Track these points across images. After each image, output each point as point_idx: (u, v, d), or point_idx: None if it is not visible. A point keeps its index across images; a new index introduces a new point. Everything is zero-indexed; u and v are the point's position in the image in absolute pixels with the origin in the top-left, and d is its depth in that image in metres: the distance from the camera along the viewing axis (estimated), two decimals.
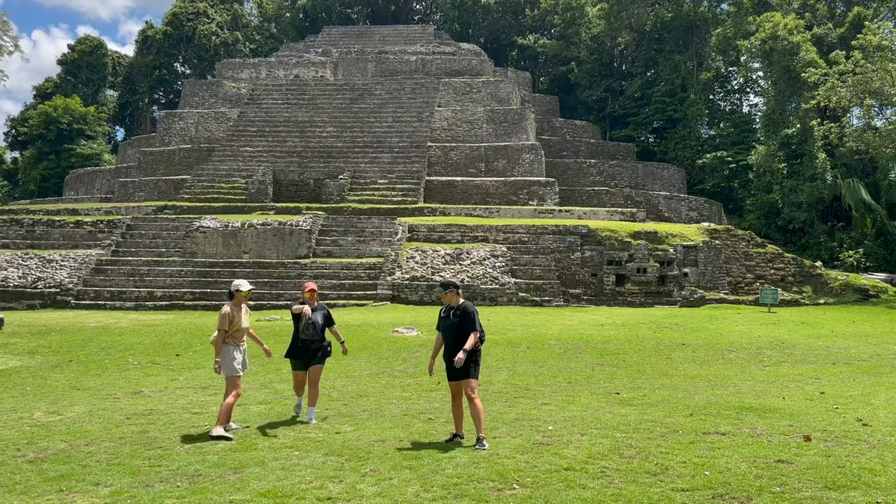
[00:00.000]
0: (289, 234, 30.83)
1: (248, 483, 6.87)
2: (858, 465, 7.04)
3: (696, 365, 14.95)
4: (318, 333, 9.69)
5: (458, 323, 8.33)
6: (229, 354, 9.17)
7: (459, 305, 8.43)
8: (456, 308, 8.43)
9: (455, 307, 8.45)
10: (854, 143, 38.25)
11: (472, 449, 7.81)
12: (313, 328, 9.61)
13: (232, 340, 9.20)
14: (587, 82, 63.78)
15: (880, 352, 16.78)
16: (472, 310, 8.42)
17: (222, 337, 9.21)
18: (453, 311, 8.44)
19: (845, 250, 40.45)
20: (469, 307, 8.44)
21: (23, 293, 27.46)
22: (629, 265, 30.41)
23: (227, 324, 9.19)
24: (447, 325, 8.46)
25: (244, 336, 9.42)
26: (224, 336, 9.19)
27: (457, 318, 8.35)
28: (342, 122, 45.36)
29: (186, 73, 74.41)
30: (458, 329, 8.31)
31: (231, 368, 9.14)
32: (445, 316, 8.54)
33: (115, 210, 37.74)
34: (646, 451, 7.62)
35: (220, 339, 9.21)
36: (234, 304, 9.33)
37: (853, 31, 44.79)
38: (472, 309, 8.45)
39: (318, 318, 9.71)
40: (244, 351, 9.40)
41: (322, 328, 9.76)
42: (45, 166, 62.34)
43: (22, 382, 13.12)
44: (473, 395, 8.15)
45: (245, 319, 9.43)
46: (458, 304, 8.45)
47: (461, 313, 8.37)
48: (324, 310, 9.90)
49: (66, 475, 7.19)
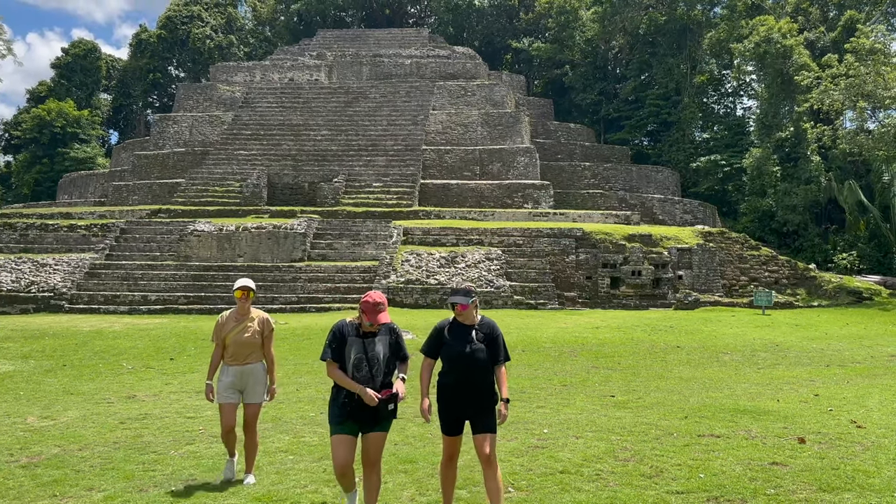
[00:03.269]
0: (283, 237, 30.78)
1: (242, 487, 6.87)
2: (852, 467, 7.06)
3: (690, 367, 14.97)
4: (381, 374, 5.86)
5: (485, 350, 5.81)
6: (221, 375, 7.33)
7: (481, 322, 5.95)
8: (476, 326, 5.90)
9: (475, 326, 5.91)
10: (847, 145, 38.40)
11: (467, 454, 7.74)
12: (368, 366, 5.81)
13: (226, 357, 7.31)
14: (581, 85, 63.92)
15: (874, 354, 16.83)
16: (499, 331, 6.00)
17: (216, 353, 7.38)
18: (476, 331, 5.86)
19: (839, 253, 40.60)
20: (495, 325, 6.02)
21: (16, 297, 27.35)
22: (624, 268, 30.45)
23: (217, 335, 7.37)
24: (464, 353, 5.79)
25: (249, 353, 7.27)
26: (219, 351, 7.35)
27: (483, 340, 5.83)
28: (337, 125, 45.35)
29: (181, 76, 74.30)
30: (482, 359, 5.79)
31: (217, 393, 7.28)
32: (456, 337, 5.87)
33: (108, 214, 37.62)
34: (641, 454, 7.63)
35: (214, 355, 7.41)
36: (235, 311, 7.44)
37: (846, 34, 45.01)
38: (500, 330, 6.03)
39: (380, 349, 5.87)
40: (239, 373, 7.24)
41: (388, 364, 5.93)
42: (39, 170, 62.17)
43: (15, 387, 13.06)
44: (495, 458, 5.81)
45: (248, 330, 7.26)
46: (476, 320, 5.95)
47: (488, 333, 5.89)
48: (390, 334, 5.97)
49: (59, 480, 7.16)
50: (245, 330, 7.25)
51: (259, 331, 7.31)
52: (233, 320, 7.33)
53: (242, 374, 7.24)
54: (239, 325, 7.28)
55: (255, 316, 7.37)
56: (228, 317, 7.37)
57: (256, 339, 7.28)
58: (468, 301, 5.84)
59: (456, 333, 5.90)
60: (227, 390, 7.24)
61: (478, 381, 5.80)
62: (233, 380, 7.23)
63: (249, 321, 7.31)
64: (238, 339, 7.22)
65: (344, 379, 5.77)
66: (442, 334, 5.95)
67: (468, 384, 5.77)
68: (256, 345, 7.29)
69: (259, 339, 7.31)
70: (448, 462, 5.95)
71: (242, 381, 7.25)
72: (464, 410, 5.83)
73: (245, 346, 7.23)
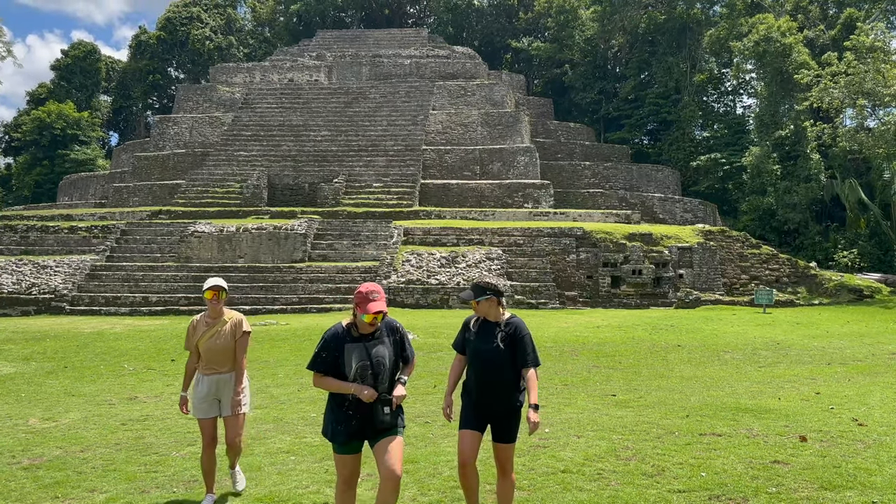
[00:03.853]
0: (284, 238, 30.78)
1: (244, 488, 6.86)
2: (854, 465, 7.06)
3: (691, 366, 14.97)
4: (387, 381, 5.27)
5: (503, 350, 5.51)
6: (196, 386, 6.68)
7: (507, 322, 5.61)
8: (501, 326, 5.59)
9: (498, 323, 5.61)
10: (847, 143, 38.40)
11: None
12: (373, 372, 5.21)
13: (200, 366, 6.66)
14: (581, 85, 63.92)
15: (875, 352, 16.83)
16: (526, 332, 5.63)
17: (191, 361, 6.72)
18: (499, 329, 5.58)
19: (840, 251, 40.59)
20: (522, 325, 5.64)
21: (17, 299, 27.36)
22: (624, 267, 30.44)
23: (189, 341, 6.69)
24: (482, 350, 5.54)
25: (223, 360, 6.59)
26: (195, 358, 6.69)
27: (504, 340, 5.53)
28: (337, 125, 45.36)
29: (180, 77, 74.32)
30: (503, 359, 5.51)
31: (193, 406, 6.66)
32: (479, 333, 5.63)
33: (109, 215, 37.63)
34: (642, 453, 7.63)
35: (188, 364, 6.74)
36: (206, 313, 6.74)
37: (845, 32, 45.02)
38: (527, 331, 5.65)
39: (384, 351, 5.28)
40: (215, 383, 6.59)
41: (395, 369, 5.36)
42: (39, 172, 62.20)
43: (17, 389, 13.07)
44: (510, 468, 5.71)
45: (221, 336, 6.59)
46: (500, 318, 5.63)
47: (512, 334, 5.55)
48: (392, 333, 5.39)
49: (61, 482, 7.16)
50: (218, 335, 6.58)
51: (233, 333, 6.64)
52: (204, 325, 6.65)
53: (219, 384, 6.59)
54: (210, 329, 6.60)
55: (228, 318, 6.67)
56: (199, 321, 6.68)
57: (231, 345, 6.60)
58: (479, 298, 5.56)
59: (480, 330, 5.64)
60: (204, 403, 6.56)
61: (494, 382, 5.50)
62: (209, 391, 6.56)
63: (222, 325, 6.63)
64: (210, 345, 6.55)
65: (335, 382, 5.20)
66: (467, 329, 5.70)
67: (485, 385, 5.50)
68: (232, 350, 6.61)
69: (233, 343, 6.62)
70: (463, 468, 5.56)
71: (219, 391, 6.59)
72: (484, 411, 5.57)
73: (219, 352, 6.56)
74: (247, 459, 7.79)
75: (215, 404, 6.60)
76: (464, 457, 5.54)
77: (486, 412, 5.59)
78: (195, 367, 6.66)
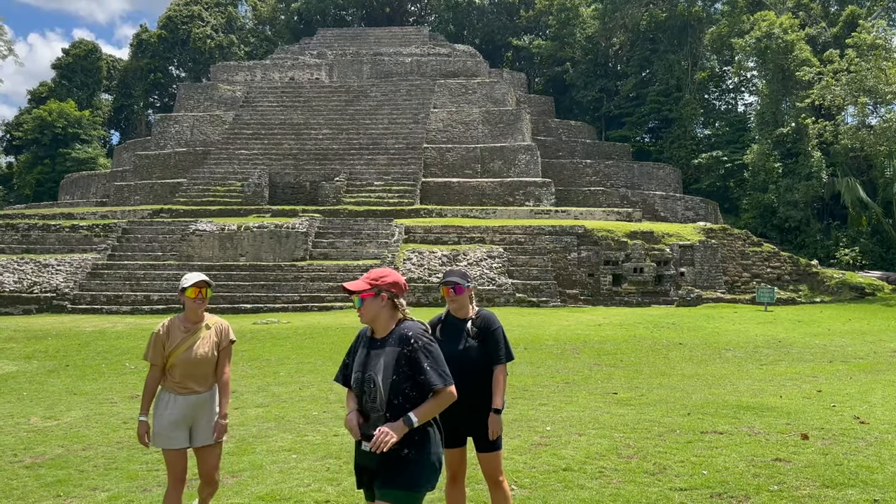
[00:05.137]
0: (285, 236, 30.79)
1: (245, 486, 6.86)
2: (856, 463, 7.05)
3: (693, 364, 14.96)
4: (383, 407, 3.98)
5: (476, 348, 5.01)
6: (160, 407, 5.27)
7: (479, 316, 5.12)
8: (471, 322, 5.10)
9: (468, 319, 5.12)
10: (849, 141, 38.36)
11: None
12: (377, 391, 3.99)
13: (171, 382, 5.28)
14: (582, 83, 63.86)
15: (877, 349, 16.81)
16: (497, 324, 5.12)
17: (153, 377, 5.33)
18: (469, 326, 5.06)
19: (841, 248, 40.56)
20: (493, 320, 5.13)
21: (18, 298, 27.39)
22: (626, 265, 30.43)
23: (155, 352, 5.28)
24: (452, 353, 4.74)
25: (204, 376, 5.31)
26: (158, 374, 5.32)
27: (477, 336, 5.03)
28: (338, 124, 45.35)
29: (181, 76, 74.33)
30: (476, 359, 4.99)
31: (156, 434, 5.21)
32: (451, 334, 5.05)
33: (110, 214, 37.65)
34: (644, 451, 7.62)
35: (149, 380, 5.35)
36: (183, 317, 5.42)
37: (847, 29, 44.95)
38: (498, 323, 5.15)
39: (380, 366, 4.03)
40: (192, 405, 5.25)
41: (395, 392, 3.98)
42: (40, 171, 62.26)
43: (18, 387, 13.08)
44: (503, 477, 5.16)
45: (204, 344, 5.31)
46: (469, 314, 5.15)
47: (483, 328, 5.06)
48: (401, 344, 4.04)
49: (63, 480, 7.17)
50: (200, 344, 5.28)
51: (217, 342, 5.39)
52: (180, 331, 5.31)
53: (196, 406, 5.25)
54: (191, 336, 5.30)
55: (212, 324, 5.43)
56: (173, 327, 5.34)
57: (214, 357, 5.35)
58: (466, 284, 5.02)
59: (448, 330, 5.08)
60: (174, 430, 5.18)
61: (472, 386, 4.87)
62: (182, 415, 5.20)
63: (204, 331, 5.35)
64: (189, 357, 5.23)
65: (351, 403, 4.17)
66: (433, 333, 4.77)
67: (461, 391, 4.36)
68: (214, 364, 5.36)
69: (216, 355, 5.37)
70: (452, 481, 5.11)
71: (195, 416, 5.25)
72: (462, 421, 4.90)
73: (200, 365, 5.26)
74: (248, 458, 7.80)
75: (186, 431, 5.25)
76: (452, 469, 5.09)
77: (463, 422, 4.98)
78: (158, 384, 5.34)
